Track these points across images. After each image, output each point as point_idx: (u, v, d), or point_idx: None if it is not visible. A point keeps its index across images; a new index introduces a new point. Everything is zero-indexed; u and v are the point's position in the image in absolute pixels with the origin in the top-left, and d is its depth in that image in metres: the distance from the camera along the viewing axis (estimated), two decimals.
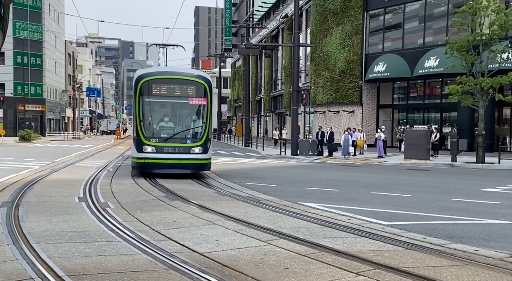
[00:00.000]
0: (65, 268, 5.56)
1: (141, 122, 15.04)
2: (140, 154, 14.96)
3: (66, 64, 76.12)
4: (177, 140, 15.01)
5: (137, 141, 15.12)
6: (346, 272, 5.58)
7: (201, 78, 15.59)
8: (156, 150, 14.84)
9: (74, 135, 63.22)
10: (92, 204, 10.30)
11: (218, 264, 5.88)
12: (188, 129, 15.37)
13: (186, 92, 15.24)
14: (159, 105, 15.52)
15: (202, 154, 15.14)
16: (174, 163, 14.92)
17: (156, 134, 15.11)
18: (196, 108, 15.45)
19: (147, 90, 15.10)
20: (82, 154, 27.77)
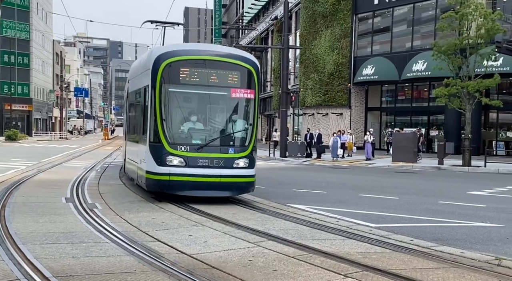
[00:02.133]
0: (52, 269, 5.52)
1: (162, 122, 10.21)
2: (160, 169, 10.17)
3: (54, 64, 75.53)
4: (215, 148, 10.32)
5: (155, 149, 10.27)
6: (334, 273, 5.61)
7: (248, 61, 10.88)
8: (186, 162, 10.13)
9: (61, 135, 62.73)
10: (80, 205, 10.23)
11: (206, 266, 5.87)
12: (229, 133, 10.69)
13: (227, 81, 10.65)
14: (190, 98, 10.82)
15: (248, 169, 10.58)
16: (211, 183, 10.19)
17: (186, 140, 10.37)
18: (240, 103, 10.84)
19: (173, 75, 10.36)
20: (69, 155, 27.57)
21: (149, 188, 10.77)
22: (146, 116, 10.84)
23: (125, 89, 16.62)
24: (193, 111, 10.74)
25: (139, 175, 11.48)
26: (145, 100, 11.01)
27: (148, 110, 10.54)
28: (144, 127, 11.04)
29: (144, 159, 10.81)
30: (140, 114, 11.82)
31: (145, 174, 10.60)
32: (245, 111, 10.87)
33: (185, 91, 10.59)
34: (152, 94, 10.35)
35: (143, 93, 11.22)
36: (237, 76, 10.71)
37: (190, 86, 10.51)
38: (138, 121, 12.15)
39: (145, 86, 10.98)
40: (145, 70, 11.07)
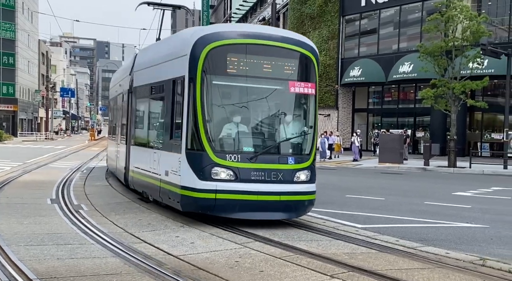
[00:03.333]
0: (37, 271, 5.47)
1: (206, 123, 8.06)
2: (204, 184, 7.96)
3: (40, 64, 74.85)
4: (272, 158, 8.21)
5: (196, 159, 8.11)
6: (321, 274, 5.63)
7: (306, 46, 8.77)
8: (237, 176, 7.99)
9: (47, 135, 62.16)
10: (65, 206, 10.15)
11: (193, 267, 5.85)
12: (289, 138, 8.52)
13: (284, 71, 8.58)
14: (239, 94, 8.55)
15: (310, 184, 8.48)
16: (269, 202, 8.06)
17: (237, 147, 8.23)
18: (299, 100, 8.75)
19: (219, 64, 8.23)
20: (55, 155, 27.33)
21: (185, 209, 8.38)
22: (176, 115, 8.77)
23: (118, 84, 14.70)
24: (243, 110, 8.40)
25: (165, 190, 9.03)
26: (173, 95, 8.87)
27: (184, 108, 8.29)
28: (172, 129, 8.87)
29: (175, 171, 8.48)
30: (165, 112, 9.36)
31: (180, 190, 8.22)
32: (304, 110, 8.75)
33: (234, 84, 8.38)
34: (191, 87, 8.13)
35: (170, 86, 8.97)
36: (296, 65, 8.66)
37: (240, 78, 8.31)
38: (156, 121, 10.24)
39: (174, 78, 8.84)
40: (175, 57, 8.92)
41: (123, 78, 13.75)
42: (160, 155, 9.44)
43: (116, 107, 15.38)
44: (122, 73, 14.63)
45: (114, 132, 15.76)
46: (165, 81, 9.41)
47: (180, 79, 8.56)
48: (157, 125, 10.14)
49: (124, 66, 15.45)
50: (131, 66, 12.49)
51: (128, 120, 12.39)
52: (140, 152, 11.00)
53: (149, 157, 10.06)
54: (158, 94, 10.12)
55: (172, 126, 8.92)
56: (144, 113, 11.27)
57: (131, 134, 11.96)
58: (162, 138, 9.53)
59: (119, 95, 14.52)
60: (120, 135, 13.84)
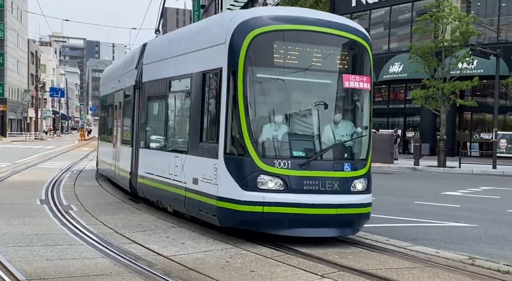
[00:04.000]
0: (26, 272, 5.43)
1: (249, 123, 6.93)
2: (249, 195, 6.84)
3: (29, 63, 74.31)
4: (326, 164, 7.13)
5: (238, 165, 7.01)
6: (311, 274, 5.64)
7: (360, 33, 7.70)
8: (287, 185, 6.87)
9: (37, 136, 61.72)
10: (55, 207, 10.09)
11: (183, 267, 5.84)
12: (344, 141, 7.45)
13: (337, 63, 7.47)
14: (287, 89, 7.37)
15: (367, 195, 7.46)
16: (324, 216, 6.99)
17: (286, 151, 7.11)
18: (353, 97, 7.75)
19: (265, 54, 7.15)
20: (44, 156, 27.15)
21: (224, 223, 7.16)
22: (207, 114, 7.67)
23: (117, 79, 13.35)
24: (293, 108, 7.42)
25: (192, 201, 7.78)
26: (203, 91, 7.73)
27: (221, 106, 7.12)
28: (202, 130, 7.71)
29: (209, 179, 7.31)
30: (192, 111, 8.15)
31: (216, 202, 7.08)
32: (359, 108, 7.72)
33: (282, 78, 7.17)
34: (231, 81, 6.97)
35: (199, 80, 7.80)
36: (350, 55, 7.61)
37: (289, 71, 7.19)
38: (178, 121, 9.11)
39: (205, 71, 7.66)
40: (206, 46, 7.79)
41: (124, 72, 12.39)
42: (185, 160, 8.11)
43: (113, 105, 13.91)
44: (121, 67, 13.12)
45: (110, 133, 14.46)
46: (191, 74, 8.13)
47: (215, 72, 7.38)
48: (180, 126, 8.97)
49: (124, 59, 13.47)
50: (138, 58, 11.09)
51: (134, 119, 10.98)
52: (153, 156, 9.64)
53: (168, 162, 8.73)
54: (180, 89, 8.89)
55: (202, 127, 7.70)
56: (159, 112, 10.00)
57: (140, 136, 10.50)
58: (187, 141, 8.28)
59: (117, 91, 13.20)
60: (121, 136, 12.43)
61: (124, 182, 11.69)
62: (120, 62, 14.52)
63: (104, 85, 16.44)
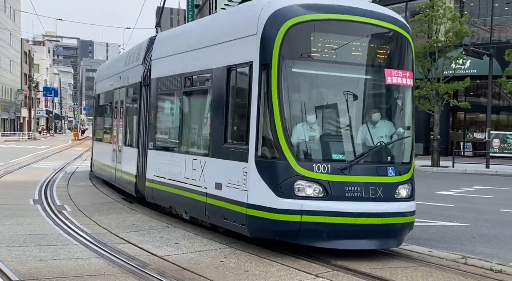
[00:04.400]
0: (19, 272, 5.41)
1: (285, 122, 6.29)
2: (284, 202, 6.20)
3: (22, 63, 73.95)
4: (369, 168, 6.52)
5: (273, 169, 6.37)
6: (305, 273, 5.65)
7: (400, 23, 7.01)
8: (328, 192, 6.25)
9: (30, 135, 61.43)
10: (48, 207, 10.05)
11: (177, 267, 5.83)
12: (387, 143, 6.78)
13: (378, 56, 6.86)
14: (326, 85, 6.89)
15: (411, 202, 6.81)
16: (368, 226, 6.31)
17: (325, 154, 6.53)
18: (395, 94, 7.06)
19: (302, 46, 6.49)
20: (38, 155, 27.04)
21: (256, 234, 6.53)
22: (232, 112, 7.02)
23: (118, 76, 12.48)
24: (332, 106, 6.81)
25: (216, 208, 7.12)
26: (228, 87, 7.06)
27: (252, 103, 6.48)
28: (227, 130, 7.04)
29: (236, 184, 6.65)
30: (214, 109, 7.44)
31: (246, 209, 6.43)
32: (402, 106, 7.04)
33: (321, 73, 6.68)
34: (263, 77, 6.36)
35: (223, 75, 7.12)
36: (392, 48, 6.95)
37: (328, 66, 6.63)
38: (196, 120, 8.39)
39: (231, 65, 7.00)
40: (233, 38, 7.12)
41: (127, 69, 11.64)
42: (206, 163, 7.45)
43: (113, 103, 13.13)
44: (122, 63, 12.33)
45: (108, 133, 13.69)
46: (214, 69, 7.44)
47: (243, 66, 6.74)
48: (198, 125, 8.27)
49: (127, 55, 12.52)
50: (144, 53, 10.44)
51: (140, 119, 10.23)
52: (165, 158, 8.89)
53: (184, 165, 8.08)
54: (198, 86, 8.28)
55: (226, 127, 7.03)
56: (172, 111, 9.28)
57: (149, 136, 9.70)
58: (207, 142, 7.58)
59: (118, 89, 12.39)
60: (123, 136, 11.73)
61: (128, 186, 10.87)
62: (120, 58, 13.74)
63: (100, 83, 15.49)
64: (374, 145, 6.61)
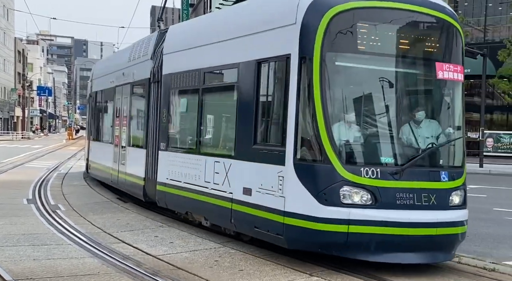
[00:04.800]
0: (12, 272, 5.39)
1: (328, 121, 5.73)
2: (329, 211, 5.63)
3: (16, 62, 73.60)
4: (420, 172, 5.91)
5: (313, 172, 5.82)
6: (300, 272, 5.66)
7: (450, 13, 6.40)
8: (377, 199, 5.67)
9: (24, 135, 61.18)
10: (42, 206, 10.01)
11: (172, 267, 5.83)
12: (439, 144, 6.21)
13: (428, 49, 6.29)
14: (375, 80, 6.16)
15: (464, 210, 6.26)
16: (421, 237, 5.73)
17: (373, 157, 5.94)
18: (446, 90, 6.48)
19: (347, 38, 5.88)
20: (31, 155, 26.93)
21: (294, 245, 5.97)
22: (263, 110, 6.40)
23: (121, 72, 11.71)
24: (380, 104, 6.14)
25: (245, 216, 6.53)
26: (258, 82, 6.46)
27: (290, 100, 5.90)
28: (257, 130, 6.44)
29: (271, 189, 6.07)
30: (240, 107, 6.81)
31: (283, 218, 5.88)
32: (452, 103, 6.42)
33: (368, 67, 6.10)
34: (304, 71, 5.79)
35: (253, 70, 6.52)
36: (442, 40, 6.33)
37: (375, 59, 6.06)
38: (219, 119, 7.80)
39: (263, 59, 6.40)
40: (266, 29, 6.45)
41: (132, 64, 10.93)
42: (231, 166, 6.85)
43: (114, 102, 12.31)
44: (126, 58, 11.57)
45: (108, 132, 12.92)
46: (240, 63, 6.83)
47: (278, 59, 6.17)
48: (220, 125, 7.70)
49: (131, 50, 11.59)
50: (153, 48, 9.74)
51: (149, 118, 9.56)
52: (181, 160, 8.25)
53: (203, 168, 7.48)
54: (220, 82, 7.76)
55: (255, 126, 6.43)
56: (188, 109, 8.56)
57: (160, 136, 8.99)
58: (233, 143, 6.93)
59: (121, 86, 11.66)
60: (128, 136, 10.95)
61: (134, 189, 10.19)
62: (122, 54, 12.76)
63: (97, 80, 14.60)
64: (425, 147, 5.99)
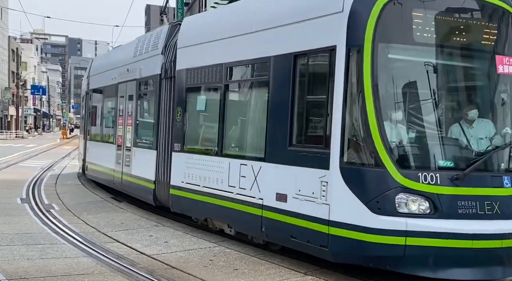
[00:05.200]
0: (6, 272, 5.36)
1: (381, 120, 5.14)
2: (383, 221, 5.02)
3: (10, 61, 73.27)
4: (482, 177, 5.36)
5: (363, 177, 5.24)
6: (294, 272, 5.66)
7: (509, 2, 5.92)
8: (437, 207, 5.08)
9: (17, 134, 60.93)
10: (36, 206, 9.97)
11: (166, 266, 5.82)
12: (502, 146, 5.61)
13: (486, 41, 5.73)
14: (432, 75, 5.50)
15: None
16: (486, 251, 5.12)
17: (432, 159, 5.38)
18: (504, 86, 5.94)
19: (401, 27, 5.39)
20: (25, 154, 26.81)
21: (341, 258, 5.43)
22: (305, 108, 5.75)
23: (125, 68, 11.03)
24: (438, 101, 5.61)
25: (278, 224, 5.97)
26: (293, 78, 5.87)
27: (336, 97, 5.31)
28: (293, 129, 5.87)
29: (312, 196, 5.50)
30: (273, 105, 6.22)
31: (329, 228, 5.30)
32: (508, 100, 5.89)
33: (425, 60, 5.45)
34: (352, 65, 5.23)
35: (289, 64, 5.91)
36: (503, 32, 5.76)
37: (432, 51, 5.53)
38: (245, 118, 7.08)
39: (300, 52, 5.81)
40: (307, 18, 5.83)
41: (138, 59, 10.28)
42: (261, 170, 6.27)
43: (116, 99, 11.57)
44: (129, 54, 10.94)
45: (110, 132, 12.22)
46: (273, 57, 6.25)
47: (320, 52, 5.60)
48: (248, 124, 7.02)
49: (134, 44, 11.01)
50: (164, 41, 9.13)
51: (160, 116, 8.90)
52: (200, 162, 7.61)
53: (227, 171, 6.89)
54: (248, 77, 7.06)
55: (291, 126, 5.86)
56: (208, 107, 7.86)
57: (175, 136, 8.33)
58: (264, 144, 6.29)
59: (125, 83, 10.96)
60: (134, 136, 10.24)
61: (142, 193, 9.58)
62: (126, 49, 11.91)
63: (96, 77, 13.80)
64: (487, 149, 5.46)
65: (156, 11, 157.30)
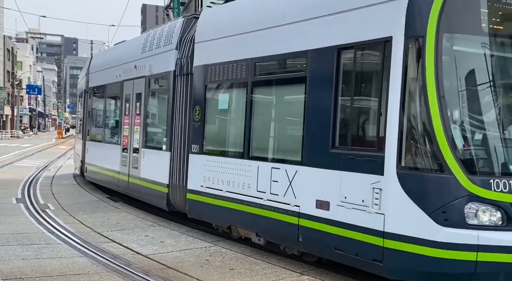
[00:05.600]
0: (1, 272, 5.35)
1: (446, 120, 4.57)
2: (448, 233, 4.47)
3: (5, 60, 73.04)
4: None
5: (426, 184, 4.65)
6: (290, 271, 5.67)
7: None
8: (511, 219, 4.54)
9: (13, 134, 60.73)
10: (31, 205, 9.95)
11: (162, 266, 5.82)
12: None
13: None
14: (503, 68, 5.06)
15: None
16: None
17: (504, 164, 4.75)
18: None
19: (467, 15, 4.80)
20: (21, 154, 26.73)
21: (400, 275, 4.85)
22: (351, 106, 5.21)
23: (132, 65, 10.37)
24: (508, 99, 5.07)
25: (319, 235, 5.42)
26: (336, 74, 5.37)
27: (391, 94, 4.78)
28: (336, 131, 5.37)
29: (364, 204, 4.97)
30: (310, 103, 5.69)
31: (384, 240, 4.78)
32: None
33: (497, 54, 4.99)
34: (412, 57, 4.70)
35: (330, 60, 5.43)
36: None
37: (502, 43, 5.00)
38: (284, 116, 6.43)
39: (344, 45, 5.28)
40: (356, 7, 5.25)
41: (148, 56, 9.67)
42: (298, 174, 5.75)
43: (121, 97, 10.90)
44: (137, 49, 10.30)
45: (113, 132, 11.66)
46: (311, 51, 5.68)
47: (371, 45, 5.04)
48: (281, 124, 6.45)
49: (143, 39, 10.45)
50: (179, 35, 8.54)
51: (175, 116, 8.29)
52: (222, 165, 7.06)
53: (256, 175, 6.35)
54: (281, 73, 6.42)
55: (334, 126, 5.34)
56: (233, 105, 7.25)
57: (192, 137, 7.74)
58: (300, 145, 5.76)
59: (131, 80, 10.34)
60: (144, 137, 9.58)
61: (153, 197, 8.99)
62: (133, 44, 11.21)
63: (97, 74, 13.08)
64: None
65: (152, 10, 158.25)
